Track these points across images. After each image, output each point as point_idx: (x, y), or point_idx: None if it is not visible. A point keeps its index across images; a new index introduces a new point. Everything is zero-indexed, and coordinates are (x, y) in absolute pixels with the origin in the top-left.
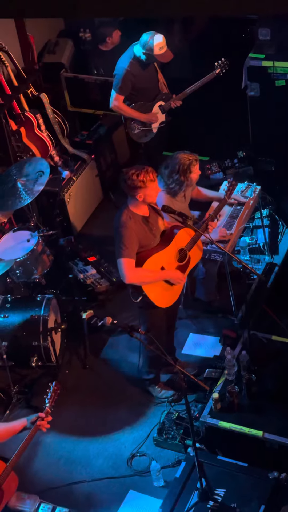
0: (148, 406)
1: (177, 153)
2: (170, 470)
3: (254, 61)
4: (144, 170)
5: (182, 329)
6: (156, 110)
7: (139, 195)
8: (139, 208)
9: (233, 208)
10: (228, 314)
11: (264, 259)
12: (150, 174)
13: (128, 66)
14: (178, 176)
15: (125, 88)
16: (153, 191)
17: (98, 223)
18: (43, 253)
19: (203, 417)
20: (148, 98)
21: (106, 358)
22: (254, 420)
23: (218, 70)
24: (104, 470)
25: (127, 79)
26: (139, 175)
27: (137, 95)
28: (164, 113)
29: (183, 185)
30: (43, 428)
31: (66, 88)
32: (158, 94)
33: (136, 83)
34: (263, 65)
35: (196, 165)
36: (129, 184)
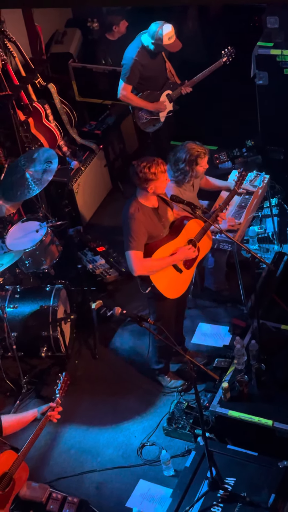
0: (157, 396)
1: (187, 142)
2: (180, 460)
3: (263, 50)
4: (155, 162)
5: (191, 318)
6: (164, 99)
7: (150, 187)
8: (148, 200)
9: (241, 198)
10: (237, 303)
11: (273, 248)
12: (161, 165)
13: (136, 56)
14: (183, 166)
15: (133, 77)
16: (163, 183)
17: (107, 213)
18: (52, 243)
19: (213, 406)
20: (155, 87)
21: (116, 348)
22: (264, 409)
23: (225, 58)
24: (114, 459)
25: (135, 68)
26: (150, 167)
27: (144, 84)
28: (171, 102)
29: (187, 175)
30: (54, 419)
31: (74, 78)
32: (166, 83)
33: (144, 72)
34: (272, 53)
35: (204, 158)
36: (141, 176)
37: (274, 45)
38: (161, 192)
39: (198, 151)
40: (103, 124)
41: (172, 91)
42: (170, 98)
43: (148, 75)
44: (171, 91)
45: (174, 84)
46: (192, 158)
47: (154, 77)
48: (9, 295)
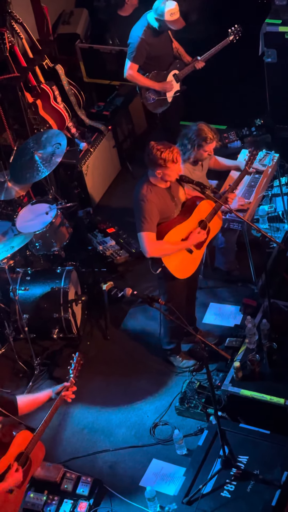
0: (169, 376)
1: (200, 122)
2: (193, 439)
3: (271, 27)
4: (169, 149)
5: (202, 299)
6: (171, 78)
7: (157, 172)
8: (159, 181)
9: (251, 177)
10: (248, 283)
11: (283, 227)
12: (174, 154)
13: (143, 35)
14: (187, 143)
15: (140, 57)
16: (173, 172)
17: (116, 194)
18: (62, 225)
19: (225, 385)
20: (162, 66)
21: (127, 329)
22: (276, 388)
23: (231, 37)
24: (127, 439)
25: (142, 47)
26: (162, 152)
27: (151, 64)
28: (178, 82)
29: (187, 153)
30: (68, 399)
31: (82, 59)
32: (173, 63)
33: (151, 52)
34: (280, 30)
35: (209, 144)
36: (151, 158)
37: (282, 22)
38: (169, 180)
39: (206, 135)
40: (112, 105)
41: (179, 70)
42: (177, 78)
43: (154, 55)
44: (178, 70)
45: (181, 63)
46: (198, 139)
47: (160, 57)
48: (20, 278)
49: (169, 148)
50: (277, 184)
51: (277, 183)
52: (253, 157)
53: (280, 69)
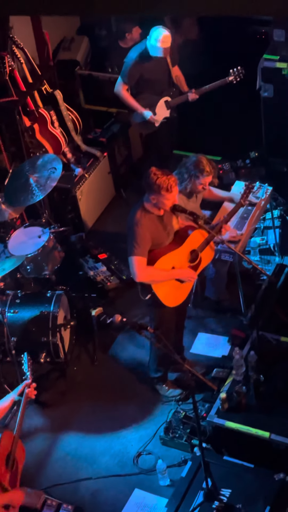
0: (155, 405)
1: (201, 154)
2: (176, 469)
3: (269, 62)
4: (166, 176)
5: (191, 328)
6: (161, 104)
7: (152, 197)
8: (154, 208)
9: (244, 209)
10: (237, 314)
11: (274, 260)
12: (170, 182)
13: (137, 57)
14: (184, 172)
15: (130, 78)
16: (167, 201)
17: (110, 220)
18: (54, 249)
19: (210, 416)
20: (155, 91)
21: (115, 355)
22: (261, 421)
23: (231, 77)
24: (110, 467)
25: (134, 69)
26: (158, 178)
27: (143, 86)
28: (169, 109)
29: (184, 183)
30: (32, 395)
31: (81, 85)
32: (166, 90)
33: (144, 74)
34: (278, 66)
35: (205, 177)
36: (147, 182)
37: (280, 58)
38: (164, 208)
39: (203, 167)
40: (108, 132)
41: (171, 98)
42: (168, 105)
43: (147, 78)
44: (170, 98)
45: (175, 92)
46: (195, 170)
47: (153, 81)
48: (10, 300)
49: (166, 176)
50: (270, 217)
51: (269, 216)
52: (249, 190)
53: (276, 104)
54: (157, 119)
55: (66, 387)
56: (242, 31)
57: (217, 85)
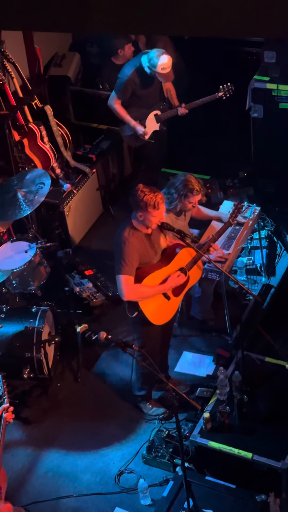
0: (138, 423)
1: (189, 174)
2: (158, 489)
3: (259, 83)
4: (153, 193)
5: (176, 346)
6: (151, 118)
7: (139, 214)
8: (142, 226)
9: (232, 228)
10: (222, 333)
11: (260, 280)
12: (156, 199)
13: (132, 74)
14: (173, 192)
15: (125, 93)
16: (154, 218)
17: (97, 236)
18: (40, 264)
19: (193, 436)
20: (146, 105)
21: (99, 372)
22: (244, 442)
23: (221, 93)
24: (91, 485)
25: (128, 85)
26: (146, 195)
27: (135, 100)
28: (159, 122)
29: (174, 203)
30: (10, 419)
31: (71, 101)
32: (157, 103)
33: (136, 90)
34: (268, 87)
35: (195, 196)
36: (134, 199)
37: (270, 80)
38: (150, 225)
39: (192, 186)
40: (98, 148)
41: (162, 112)
42: (158, 119)
43: (140, 93)
44: (160, 112)
45: (165, 106)
46: (184, 189)
47: (145, 96)
48: None
49: (153, 193)
50: (257, 237)
51: (256, 236)
52: (237, 210)
53: (265, 125)
54: (147, 132)
55: (49, 403)
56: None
57: (206, 100)
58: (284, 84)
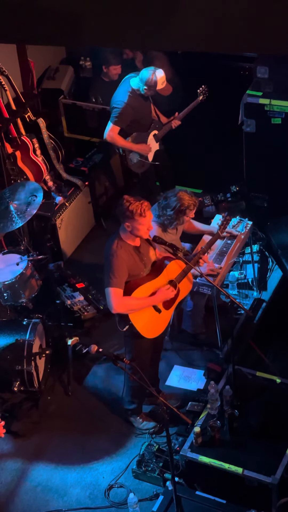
0: (128, 437)
1: (179, 190)
2: (148, 503)
3: (252, 98)
4: (139, 202)
5: (166, 360)
6: (151, 139)
7: (126, 225)
8: (130, 238)
9: (223, 243)
10: (213, 347)
11: (252, 295)
12: (142, 207)
13: (128, 100)
14: (172, 213)
15: (124, 121)
16: (142, 226)
17: (89, 249)
18: (31, 277)
19: (184, 450)
20: (142, 128)
21: (89, 386)
22: (235, 456)
23: (201, 97)
24: (80, 500)
25: (126, 112)
26: (131, 204)
27: (133, 126)
28: (158, 141)
29: (174, 223)
30: (1, 434)
31: (64, 114)
32: (152, 124)
33: (134, 115)
34: (260, 102)
35: (193, 210)
36: (120, 209)
37: (263, 95)
38: (139, 235)
39: (189, 203)
40: (90, 161)
41: (158, 131)
42: (157, 138)
43: (136, 118)
44: (157, 131)
45: (159, 123)
46: (182, 208)
47: (142, 119)
48: None
49: (139, 201)
50: (249, 251)
51: (248, 250)
52: (226, 222)
53: (258, 139)
54: (150, 154)
55: (39, 417)
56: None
57: (192, 107)
58: (276, 99)
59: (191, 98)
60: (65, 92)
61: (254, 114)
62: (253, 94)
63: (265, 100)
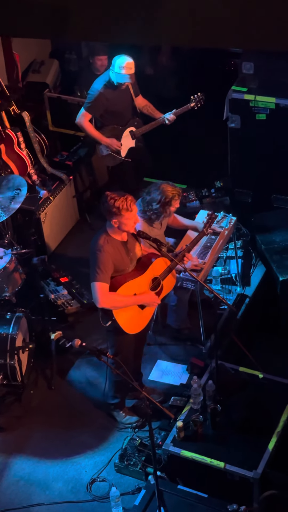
0: (111, 431)
1: (161, 183)
2: (130, 497)
3: (237, 94)
4: (123, 197)
5: (150, 355)
6: (127, 134)
7: (113, 221)
8: (117, 233)
9: (207, 238)
10: (197, 342)
11: (235, 290)
12: (128, 202)
13: (102, 89)
14: (158, 206)
15: (95, 108)
16: (129, 221)
17: (73, 244)
18: (15, 271)
19: (166, 445)
20: (120, 122)
21: (72, 380)
22: (217, 451)
23: (193, 103)
24: (63, 493)
25: (99, 101)
26: (116, 200)
27: (109, 118)
28: (134, 139)
29: (161, 216)
30: None
31: (49, 108)
32: (131, 120)
33: (109, 106)
34: (245, 98)
35: (177, 200)
36: (106, 207)
37: (248, 90)
38: (126, 229)
39: (173, 193)
40: (75, 156)
41: (136, 128)
42: (133, 135)
43: (112, 110)
44: (135, 128)
45: (138, 122)
46: (167, 200)
47: (118, 112)
48: None
49: (123, 197)
50: (232, 247)
51: (232, 246)
52: (211, 220)
53: (242, 135)
54: (124, 150)
55: (22, 411)
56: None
57: (181, 111)
58: (261, 95)
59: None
60: (50, 85)
61: (239, 109)
62: (238, 90)
63: (250, 96)
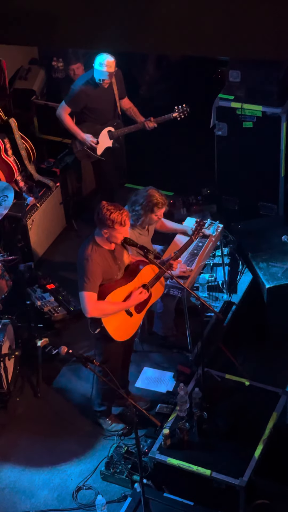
0: (97, 439)
1: (150, 188)
2: (116, 505)
3: (224, 102)
4: (119, 211)
5: (136, 362)
6: (104, 133)
7: (104, 231)
8: (105, 241)
9: (195, 245)
10: (183, 350)
11: (222, 297)
12: (123, 216)
13: (84, 85)
14: (139, 209)
15: (75, 103)
16: (119, 235)
17: (59, 251)
18: (1, 278)
19: (152, 452)
20: (100, 120)
21: (59, 387)
22: (203, 458)
23: (175, 114)
24: (48, 502)
25: (79, 96)
26: (112, 213)
27: (88, 115)
28: (112, 139)
29: (140, 219)
30: None
31: (36, 114)
32: (111, 120)
33: (89, 103)
34: (232, 106)
35: (161, 209)
36: (100, 217)
37: (235, 98)
38: (115, 241)
39: (157, 200)
40: (62, 162)
41: (115, 129)
42: (111, 135)
43: (93, 107)
44: (114, 128)
45: (118, 123)
46: (149, 204)
47: (98, 110)
48: None
49: (119, 210)
50: (219, 254)
51: (219, 253)
52: (200, 227)
53: (229, 143)
54: (99, 148)
55: (7, 418)
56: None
57: (162, 119)
58: (248, 104)
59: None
60: (37, 92)
61: (225, 117)
62: (225, 97)
63: (237, 104)
